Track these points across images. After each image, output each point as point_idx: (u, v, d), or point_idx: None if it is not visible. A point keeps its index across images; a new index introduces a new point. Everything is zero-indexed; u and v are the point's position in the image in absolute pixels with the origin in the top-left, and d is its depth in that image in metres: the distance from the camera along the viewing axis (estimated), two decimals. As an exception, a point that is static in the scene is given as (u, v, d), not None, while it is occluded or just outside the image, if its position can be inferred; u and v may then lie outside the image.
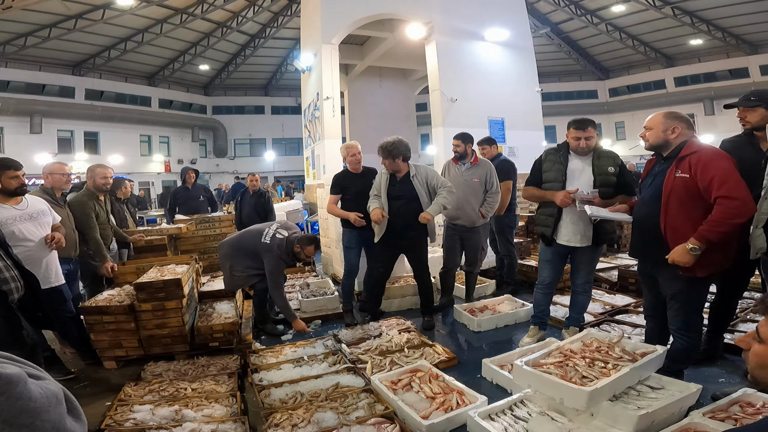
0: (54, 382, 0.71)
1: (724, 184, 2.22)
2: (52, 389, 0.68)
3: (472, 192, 4.27)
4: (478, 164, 4.34)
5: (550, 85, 22.75)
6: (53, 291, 3.25)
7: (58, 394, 0.68)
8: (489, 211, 4.32)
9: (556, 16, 19.62)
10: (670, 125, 2.48)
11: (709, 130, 20.34)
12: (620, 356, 2.36)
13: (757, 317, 3.55)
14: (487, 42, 7.76)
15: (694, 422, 2.10)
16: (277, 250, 3.87)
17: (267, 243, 3.91)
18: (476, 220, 4.28)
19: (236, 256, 4.01)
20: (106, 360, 3.50)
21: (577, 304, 3.54)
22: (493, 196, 4.31)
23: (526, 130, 7.85)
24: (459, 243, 4.40)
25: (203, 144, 26.15)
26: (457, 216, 4.27)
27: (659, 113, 2.57)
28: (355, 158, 4.27)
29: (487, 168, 4.33)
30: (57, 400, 0.68)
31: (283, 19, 19.33)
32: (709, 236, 2.25)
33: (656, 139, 2.52)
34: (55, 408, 0.67)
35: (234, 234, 4.41)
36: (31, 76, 19.03)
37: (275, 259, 3.87)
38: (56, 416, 0.66)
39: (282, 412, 2.54)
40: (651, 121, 2.56)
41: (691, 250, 2.29)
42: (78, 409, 0.74)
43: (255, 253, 3.94)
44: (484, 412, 2.37)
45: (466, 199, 4.26)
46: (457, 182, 4.26)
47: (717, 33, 18.97)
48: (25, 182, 3.20)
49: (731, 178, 2.24)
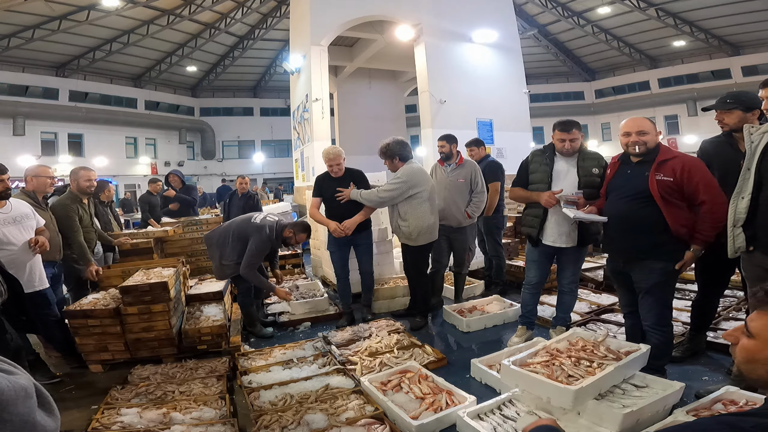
0: (25, 377, 0.71)
1: (709, 189, 2.48)
2: (21, 383, 0.68)
3: (458, 192, 4.29)
4: (463, 165, 4.35)
5: (538, 87, 22.96)
6: (37, 295, 3.21)
7: (27, 388, 0.68)
8: (475, 211, 4.34)
9: (543, 18, 19.81)
10: (655, 131, 2.65)
11: (693, 131, 20.71)
12: (605, 355, 2.39)
13: (739, 315, 3.62)
14: (476, 44, 7.83)
15: (678, 420, 2.14)
16: (267, 230, 3.87)
17: (257, 224, 3.93)
18: (462, 220, 4.29)
19: (225, 244, 3.96)
20: (92, 363, 3.46)
21: (564, 304, 3.58)
22: (479, 195, 4.33)
23: (515, 131, 7.93)
24: (446, 244, 4.40)
25: (191, 146, 25.88)
26: (443, 216, 4.26)
27: (643, 119, 2.67)
28: (339, 167, 4.14)
29: (471, 168, 4.34)
30: (26, 393, 0.68)
31: (272, 21, 19.25)
32: (707, 240, 2.52)
33: (654, 143, 2.64)
34: (24, 401, 0.67)
35: (220, 226, 4.32)
36: (14, 78, 18.73)
37: (262, 240, 3.85)
38: (25, 409, 0.66)
39: (271, 414, 2.53)
40: (643, 127, 2.63)
41: (695, 252, 2.56)
42: (51, 404, 0.74)
43: (244, 237, 3.90)
44: (473, 412, 2.39)
45: (453, 199, 4.27)
46: (443, 183, 4.32)
47: (700, 34, 19.31)
48: (10, 186, 3.15)
49: (713, 183, 2.51)
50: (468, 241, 4.45)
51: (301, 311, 4.57)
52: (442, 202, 4.25)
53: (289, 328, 4.34)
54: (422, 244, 4.03)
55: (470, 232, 4.45)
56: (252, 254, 3.84)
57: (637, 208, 2.61)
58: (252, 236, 3.86)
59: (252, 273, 3.87)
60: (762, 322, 0.98)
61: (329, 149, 4.21)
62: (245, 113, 26.99)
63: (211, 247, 4.12)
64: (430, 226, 3.99)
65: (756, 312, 1.00)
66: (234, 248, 3.92)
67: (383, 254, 5.10)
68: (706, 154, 2.87)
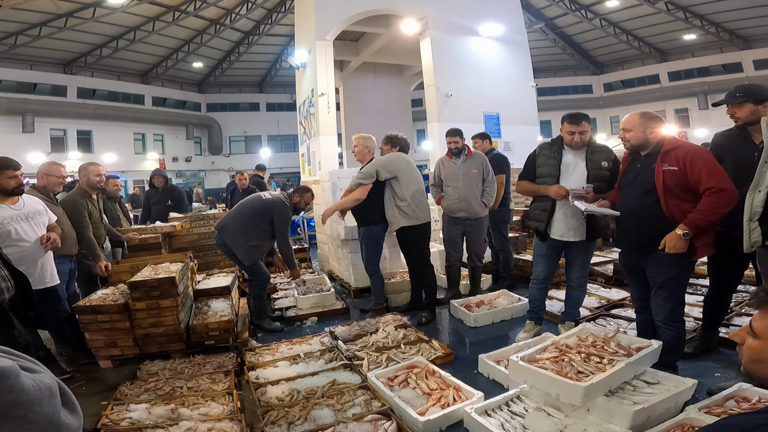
0: (49, 375, 0.71)
1: (713, 176, 2.39)
2: (46, 382, 0.68)
3: (474, 183, 4.37)
4: (473, 156, 4.46)
5: (545, 80, 22.79)
6: (48, 291, 3.23)
7: (52, 387, 0.69)
8: (489, 200, 4.44)
9: (550, 11, 19.60)
10: (647, 126, 2.60)
11: (703, 125, 20.45)
12: (615, 351, 2.36)
13: (751, 311, 3.57)
14: (482, 37, 7.75)
15: (690, 417, 2.11)
16: (282, 201, 4.08)
17: (270, 198, 4.09)
18: (480, 210, 4.38)
19: (245, 225, 4.00)
20: (102, 359, 3.49)
21: (573, 299, 3.54)
22: (491, 184, 4.45)
23: (522, 124, 7.86)
24: (461, 236, 4.49)
25: (198, 141, 25.98)
26: (461, 208, 4.35)
27: (635, 114, 2.67)
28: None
29: (481, 158, 4.47)
30: (51, 392, 0.68)
31: (277, 16, 19.21)
32: (698, 223, 2.42)
33: (637, 139, 2.63)
34: (49, 400, 0.67)
35: (227, 216, 4.23)
36: (22, 75, 18.87)
37: (283, 209, 4.05)
38: (50, 408, 0.67)
39: (278, 409, 2.54)
40: (628, 123, 2.66)
41: (683, 235, 2.43)
42: (74, 403, 0.75)
43: (262, 213, 4.03)
44: (481, 408, 2.37)
45: (470, 190, 4.34)
46: (456, 175, 4.38)
47: (710, 28, 19.02)
48: (23, 182, 3.17)
49: (717, 170, 2.42)
50: (484, 231, 4.56)
51: (307, 306, 4.57)
52: (459, 193, 4.34)
53: (296, 322, 4.35)
54: (423, 223, 4.11)
55: (486, 223, 4.56)
56: (283, 226, 4.06)
57: (647, 202, 2.58)
58: (274, 211, 4.02)
59: (289, 245, 4.20)
60: (765, 321, 0.99)
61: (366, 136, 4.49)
62: (251, 108, 27.06)
63: (232, 235, 4.01)
64: (426, 205, 4.17)
65: (759, 312, 1.02)
66: (257, 227, 4.02)
67: (390, 248, 5.07)
68: (718, 147, 2.81)
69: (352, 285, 5.15)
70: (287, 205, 4.10)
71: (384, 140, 4.32)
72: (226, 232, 4.06)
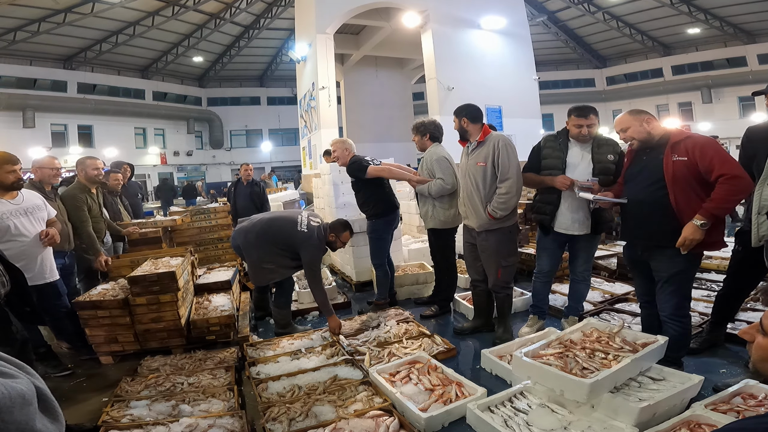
0: (26, 382, 0.68)
1: (725, 163, 2.35)
2: (18, 389, 0.65)
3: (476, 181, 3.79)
4: (485, 141, 3.32)
5: (548, 74, 22.64)
6: (47, 286, 3.21)
7: (25, 394, 0.66)
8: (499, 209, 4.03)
9: (552, 4, 19.43)
10: (640, 119, 2.59)
11: (707, 118, 20.32)
12: (621, 347, 2.33)
13: (758, 306, 3.53)
14: (484, 30, 7.69)
15: (696, 414, 2.07)
16: (317, 239, 3.63)
17: (305, 232, 3.61)
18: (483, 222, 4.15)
19: (266, 246, 3.65)
20: (102, 355, 3.47)
21: (576, 293, 3.51)
22: (504, 186, 3.42)
23: (524, 117, 7.82)
24: (472, 253, 3.69)
25: (199, 136, 26.02)
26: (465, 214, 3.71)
27: (623, 115, 2.69)
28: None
29: (494, 144, 3.27)
30: (24, 400, 0.65)
31: (277, 10, 19.11)
32: (714, 212, 2.37)
33: (639, 134, 2.60)
34: (21, 408, 0.64)
35: (255, 219, 3.90)
36: (22, 71, 18.85)
37: (315, 249, 3.64)
38: (22, 417, 0.64)
39: (279, 405, 2.52)
40: (621, 123, 2.65)
41: (701, 225, 2.38)
42: (55, 410, 0.72)
43: (290, 243, 3.63)
44: (484, 404, 2.34)
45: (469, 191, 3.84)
46: (463, 169, 3.51)
47: (714, 22, 18.85)
48: (22, 177, 3.14)
49: (729, 158, 2.40)
50: (493, 250, 3.35)
51: (309, 300, 4.54)
52: (463, 193, 3.50)
53: (298, 317, 4.32)
54: (451, 227, 4.01)
55: (499, 240, 3.33)
56: (312, 265, 3.62)
57: (655, 194, 2.54)
58: (302, 247, 3.61)
59: (320, 288, 3.61)
60: None
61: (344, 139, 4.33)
62: (252, 102, 27.08)
63: (246, 247, 3.75)
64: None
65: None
66: (277, 253, 3.66)
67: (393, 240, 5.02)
68: (751, 142, 2.69)
69: (354, 279, 5.13)
70: (319, 246, 3.68)
71: (413, 130, 4.10)
72: (245, 238, 3.76)
